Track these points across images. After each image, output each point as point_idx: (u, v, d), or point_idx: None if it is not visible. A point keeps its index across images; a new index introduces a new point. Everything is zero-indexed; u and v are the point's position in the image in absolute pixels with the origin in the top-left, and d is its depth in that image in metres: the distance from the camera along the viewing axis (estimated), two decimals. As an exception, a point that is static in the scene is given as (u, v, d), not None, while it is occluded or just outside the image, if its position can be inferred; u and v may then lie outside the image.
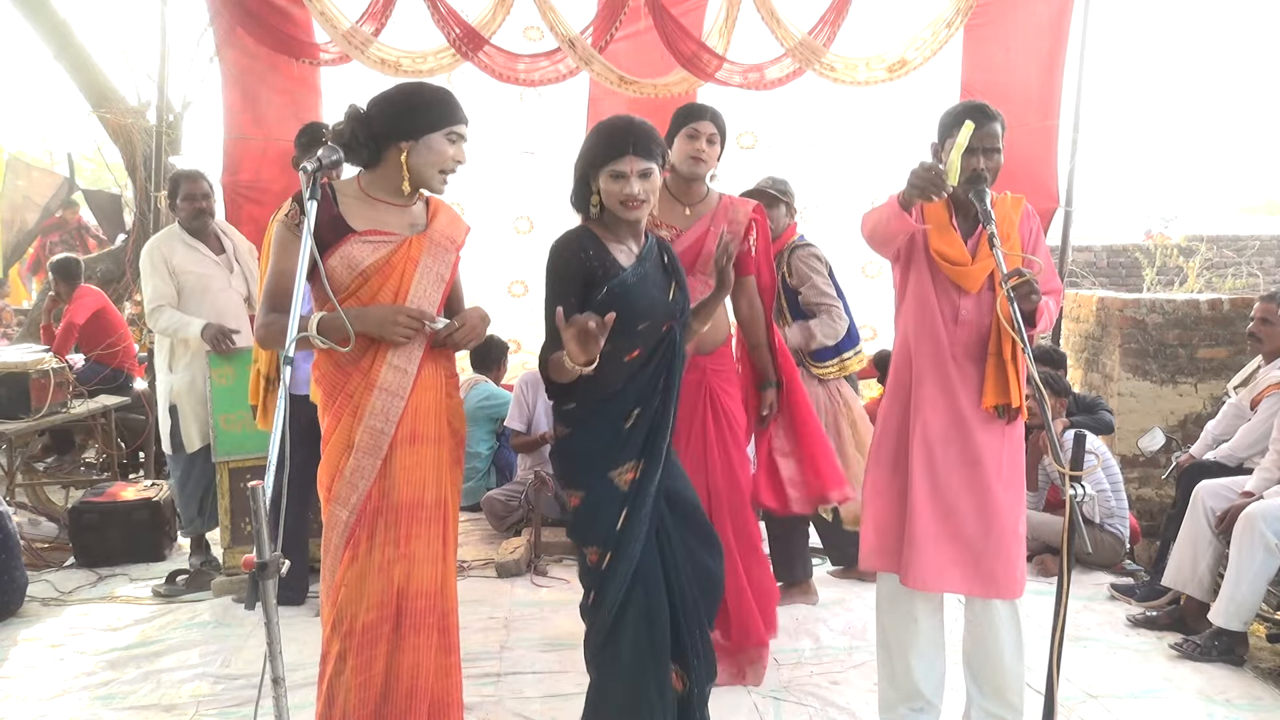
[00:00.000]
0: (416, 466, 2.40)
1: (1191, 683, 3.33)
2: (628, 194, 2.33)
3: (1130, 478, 5.02)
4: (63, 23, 7.45)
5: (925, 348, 2.70)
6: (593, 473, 2.37)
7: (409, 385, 2.38)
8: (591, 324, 2.12)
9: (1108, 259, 10.99)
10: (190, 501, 4.42)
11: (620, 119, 2.42)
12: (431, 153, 2.35)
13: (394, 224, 2.41)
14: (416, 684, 2.37)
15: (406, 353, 2.37)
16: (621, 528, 2.34)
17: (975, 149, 2.58)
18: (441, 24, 4.90)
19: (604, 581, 2.36)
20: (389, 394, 2.36)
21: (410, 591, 2.38)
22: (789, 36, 4.98)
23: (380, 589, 2.35)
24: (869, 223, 2.72)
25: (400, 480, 2.38)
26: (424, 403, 2.41)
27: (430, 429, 2.43)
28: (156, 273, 4.20)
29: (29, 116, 19.68)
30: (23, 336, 7.83)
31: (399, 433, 2.37)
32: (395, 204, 2.43)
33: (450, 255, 2.47)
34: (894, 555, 2.73)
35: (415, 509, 2.39)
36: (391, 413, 2.36)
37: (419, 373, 2.40)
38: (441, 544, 2.44)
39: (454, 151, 2.38)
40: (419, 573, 2.39)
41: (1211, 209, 18.91)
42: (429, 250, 2.42)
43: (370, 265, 2.34)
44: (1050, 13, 5.25)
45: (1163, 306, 5.26)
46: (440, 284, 2.43)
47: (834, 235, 5.61)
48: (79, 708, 3.18)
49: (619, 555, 2.33)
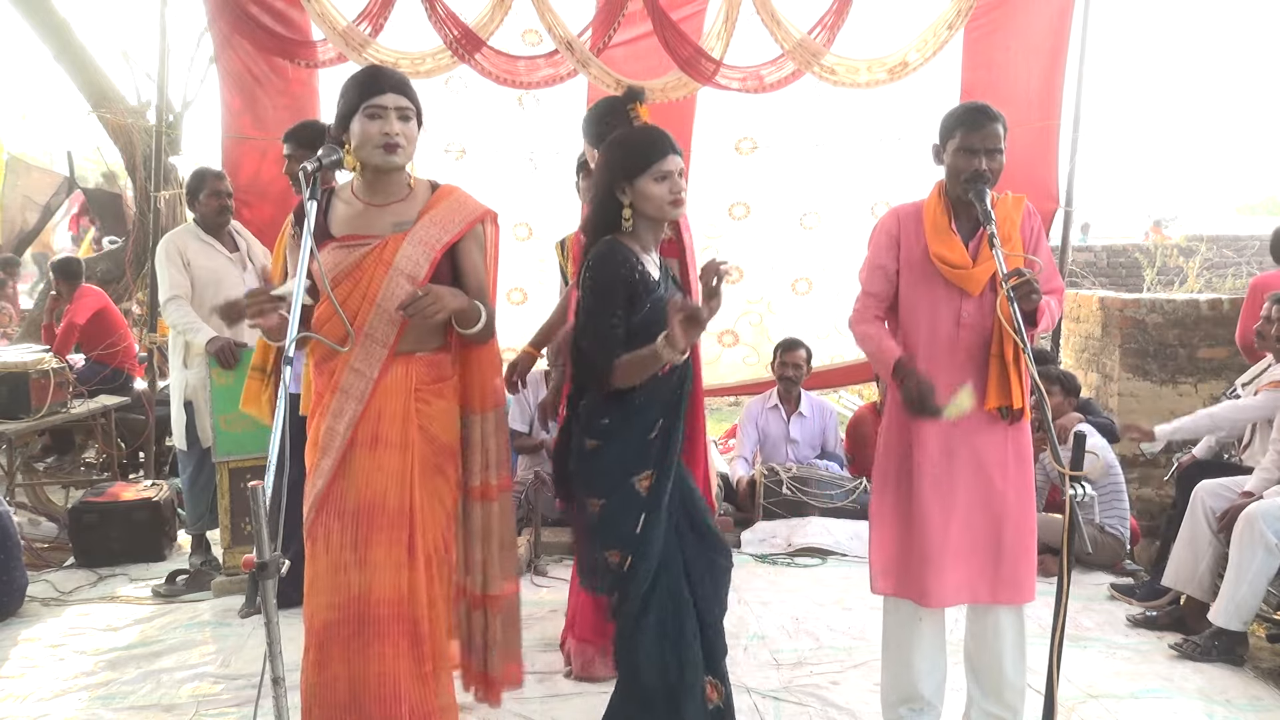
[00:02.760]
0: (377, 470, 2.35)
1: (1191, 683, 3.33)
2: (677, 191, 2.39)
3: (1130, 478, 5.02)
4: (63, 23, 7.46)
5: (927, 354, 2.69)
6: (617, 480, 2.40)
7: (367, 389, 2.35)
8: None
9: (1108, 259, 11.00)
10: (200, 499, 4.42)
11: (637, 128, 2.48)
12: (362, 128, 2.32)
13: (375, 225, 2.37)
14: (385, 692, 2.32)
15: (366, 356, 2.35)
16: (641, 530, 2.38)
17: (977, 149, 2.58)
18: (439, 25, 4.89)
19: (627, 582, 2.40)
20: (345, 395, 2.35)
21: (372, 599, 2.33)
22: (788, 38, 4.97)
23: (335, 589, 2.32)
24: (859, 340, 2.78)
25: (360, 483, 2.34)
26: (389, 407, 2.37)
27: (394, 434, 2.37)
28: (172, 264, 4.23)
29: (29, 116, 19.68)
30: (23, 336, 7.83)
31: (359, 435, 2.34)
32: (376, 204, 2.39)
33: (429, 254, 2.37)
34: (904, 578, 2.71)
35: (374, 514, 2.35)
36: (346, 413, 2.34)
37: (382, 377, 2.36)
38: (405, 551, 2.36)
39: (378, 125, 2.31)
40: (380, 580, 2.33)
41: (1211, 209, 18.92)
42: (404, 250, 2.36)
43: (341, 270, 2.33)
44: (1050, 13, 5.25)
45: (1163, 306, 5.26)
46: (411, 284, 2.34)
47: (834, 240, 5.63)
48: (79, 708, 3.18)
49: (640, 555, 2.38)
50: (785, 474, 5.11)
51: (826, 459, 5.43)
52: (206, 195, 4.30)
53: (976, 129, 2.58)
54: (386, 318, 2.35)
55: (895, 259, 2.73)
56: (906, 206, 2.78)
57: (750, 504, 5.10)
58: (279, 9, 4.99)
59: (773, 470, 5.15)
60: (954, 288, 2.65)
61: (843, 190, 5.59)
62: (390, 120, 2.31)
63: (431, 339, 2.47)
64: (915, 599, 2.70)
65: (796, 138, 5.52)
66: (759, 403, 5.57)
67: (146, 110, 7.15)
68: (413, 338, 2.40)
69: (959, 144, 2.60)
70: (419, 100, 2.42)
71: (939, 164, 2.70)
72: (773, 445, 5.45)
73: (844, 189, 5.58)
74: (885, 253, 2.74)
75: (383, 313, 2.34)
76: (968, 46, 5.25)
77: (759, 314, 5.87)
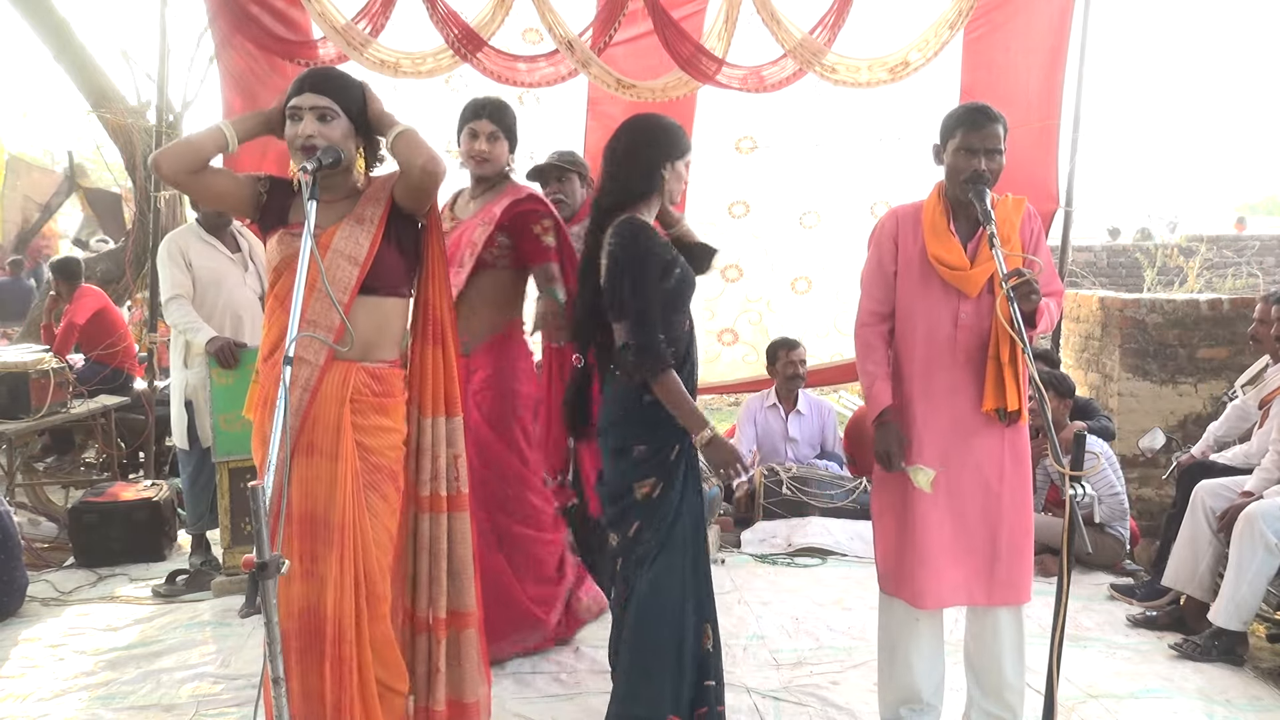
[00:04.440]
0: (315, 480, 2.31)
1: (1191, 683, 3.33)
2: (686, 181, 2.65)
3: (1130, 478, 5.02)
4: (63, 23, 7.46)
5: (924, 355, 2.69)
6: (664, 424, 2.56)
7: (313, 377, 2.31)
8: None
9: (1108, 259, 11.01)
10: (200, 498, 4.42)
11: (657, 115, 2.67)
12: (288, 130, 2.33)
13: (322, 217, 2.31)
14: (335, 710, 2.25)
15: (311, 343, 2.31)
16: (674, 460, 2.59)
17: (977, 150, 2.58)
18: (440, 25, 4.89)
19: (652, 511, 2.57)
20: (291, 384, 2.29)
21: (321, 614, 2.27)
22: (789, 38, 4.97)
23: (289, 599, 2.26)
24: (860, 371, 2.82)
25: (298, 492, 2.30)
26: (322, 414, 2.32)
27: (327, 443, 2.32)
28: (174, 263, 4.23)
29: (29, 116, 19.71)
30: (23, 336, 7.84)
31: (298, 441, 2.30)
32: (325, 200, 2.35)
33: (369, 231, 2.35)
34: (899, 579, 2.72)
35: (314, 525, 2.30)
36: (293, 404, 2.30)
37: (319, 383, 2.32)
38: (340, 569, 2.27)
39: (296, 127, 2.31)
40: (329, 597, 2.28)
41: (1211, 209, 18.94)
42: (342, 231, 2.35)
43: (285, 257, 2.34)
44: (1051, 13, 5.25)
45: (1163, 306, 5.26)
46: (353, 265, 2.33)
47: (834, 239, 5.63)
48: (79, 708, 3.18)
49: (669, 485, 2.57)
50: (785, 474, 5.10)
51: (826, 458, 5.43)
52: None
53: (977, 129, 2.59)
54: (327, 301, 2.30)
55: (894, 259, 2.73)
56: (905, 207, 2.78)
57: (750, 509, 5.10)
58: (279, 8, 4.99)
59: (773, 470, 5.15)
60: (951, 289, 2.65)
61: (842, 190, 5.59)
62: (307, 121, 2.30)
63: (381, 349, 2.42)
64: (909, 600, 2.70)
65: (796, 137, 5.52)
66: (757, 401, 5.57)
67: (146, 110, 7.14)
68: (360, 346, 2.35)
69: (959, 144, 2.60)
70: (351, 97, 2.36)
71: (939, 164, 2.71)
72: (771, 445, 5.45)
73: (844, 188, 5.58)
74: (884, 254, 2.75)
75: (323, 297, 2.30)
76: (968, 46, 5.24)
77: (758, 312, 5.89)
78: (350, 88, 2.38)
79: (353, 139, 2.38)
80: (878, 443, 2.70)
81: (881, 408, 2.70)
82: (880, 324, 2.77)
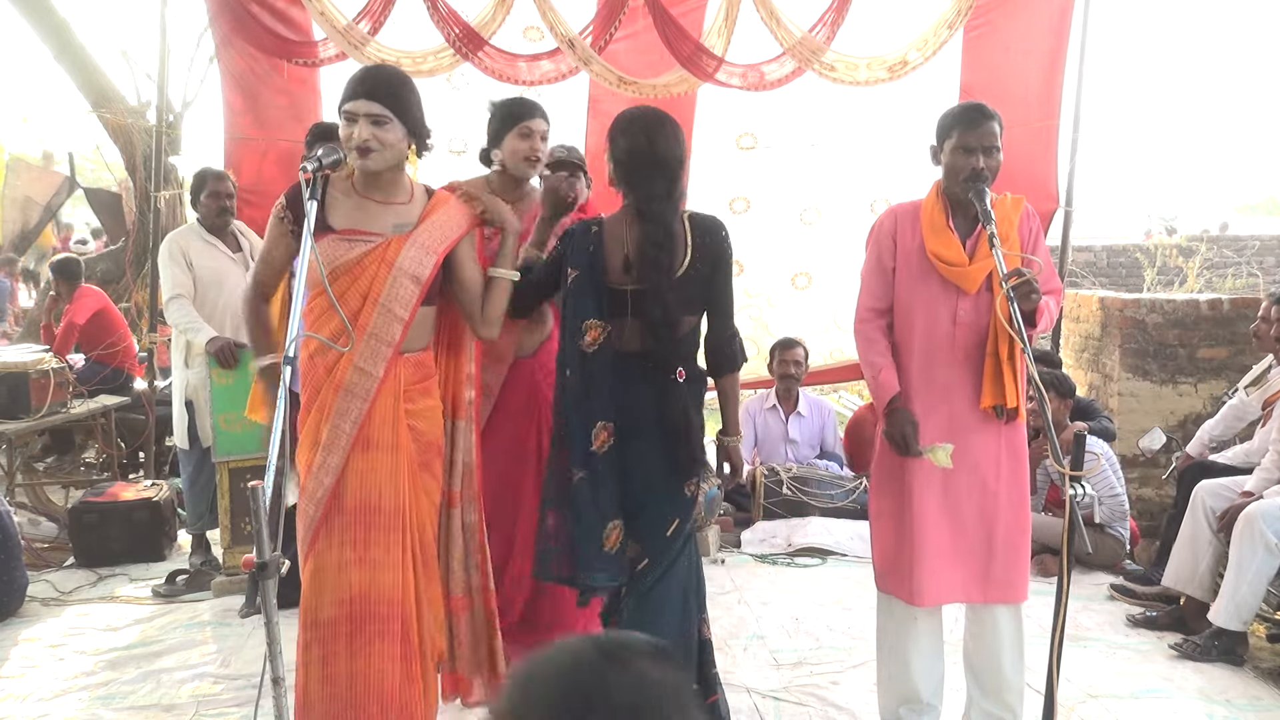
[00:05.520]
0: (371, 472, 2.39)
1: (1191, 683, 3.33)
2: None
3: (1130, 478, 5.02)
4: (63, 23, 7.46)
5: (923, 352, 2.69)
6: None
7: (372, 388, 2.37)
8: None
9: (1108, 259, 11.00)
10: (200, 498, 4.43)
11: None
12: (342, 131, 2.34)
13: (376, 223, 2.39)
14: (382, 690, 2.36)
15: (371, 355, 2.36)
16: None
17: (975, 148, 2.58)
18: (440, 24, 4.89)
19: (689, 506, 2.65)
20: (349, 394, 2.36)
21: (373, 597, 2.37)
22: (789, 36, 4.97)
23: (336, 587, 2.36)
24: (862, 364, 2.82)
25: (353, 484, 2.38)
26: (379, 410, 2.40)
27: (385, 436, 2.41)
28: (175, 263, 4.24)
29: (29, 117, 19.71)
30: (23, 336, 7.84)
31: (356, 436, 2.37)
32: (380, 200, 2.41)
33: (432, 257, 2.42)
34: (896, 577, 2.72)
35: (370, 514, 2.39)
36: (352, 412, 2.36)
37: (386, 377, 2.39)
38: (402, 551, 2.41)
39: (354, 131, 2.32)
40: (381, 579, 2.38)
41: (1211, 209, 18.92)
42: (408, 252, 2.39)
43: (340, 265, 2.34)
44: (1051, 13, 5.24)
45: (1163, 306, 5.25)
46: (416, 284, 2.39)
47: (834, 236, 5.63)
48: (79, 708, 3.18)
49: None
50: (785, 474, 5.10)
51: (826, 458, 5.43)
52: (207, 195, 4.32)
53: (973, 128, 2.59)
54: (390, 316, 2.36)
55: (893, 256, 2.73)
56: (904, 205, 2.79)
57: (752, 494, 5.10)
58: (279, 8, 4.99)
59: (773, 470, 5.15)
60: (950, 285, 2.65)
61: (842, 187, 5.59)
62: (361, 126, 2.31)
63: (421, 337, 2.52)
64: (905, 598, 2.70)
65: (796, 134, 5.52)
66: (756, 402, 5.57)
67: (146, 110, 7.14)
68: (408, 338, 2.43)
69: (956, 143, 2.61)
70: (407, 102, 2.38)
71: (936, 164, 2.71)
72: (771, 446, 5.45)
73: (844, 185, 5.58)
74: (883, 251, 2.75)
75: (386, 311, 2.36)
76: (967, 46, 5.24)
77: (759, 308, 5.89)
78: (404, 96, 2.39)
79: (406, 139, 2.41)
80: (892, 429, 2.66)
81: (890, 394, 2.68)
82: (879, 320, 2.77)
